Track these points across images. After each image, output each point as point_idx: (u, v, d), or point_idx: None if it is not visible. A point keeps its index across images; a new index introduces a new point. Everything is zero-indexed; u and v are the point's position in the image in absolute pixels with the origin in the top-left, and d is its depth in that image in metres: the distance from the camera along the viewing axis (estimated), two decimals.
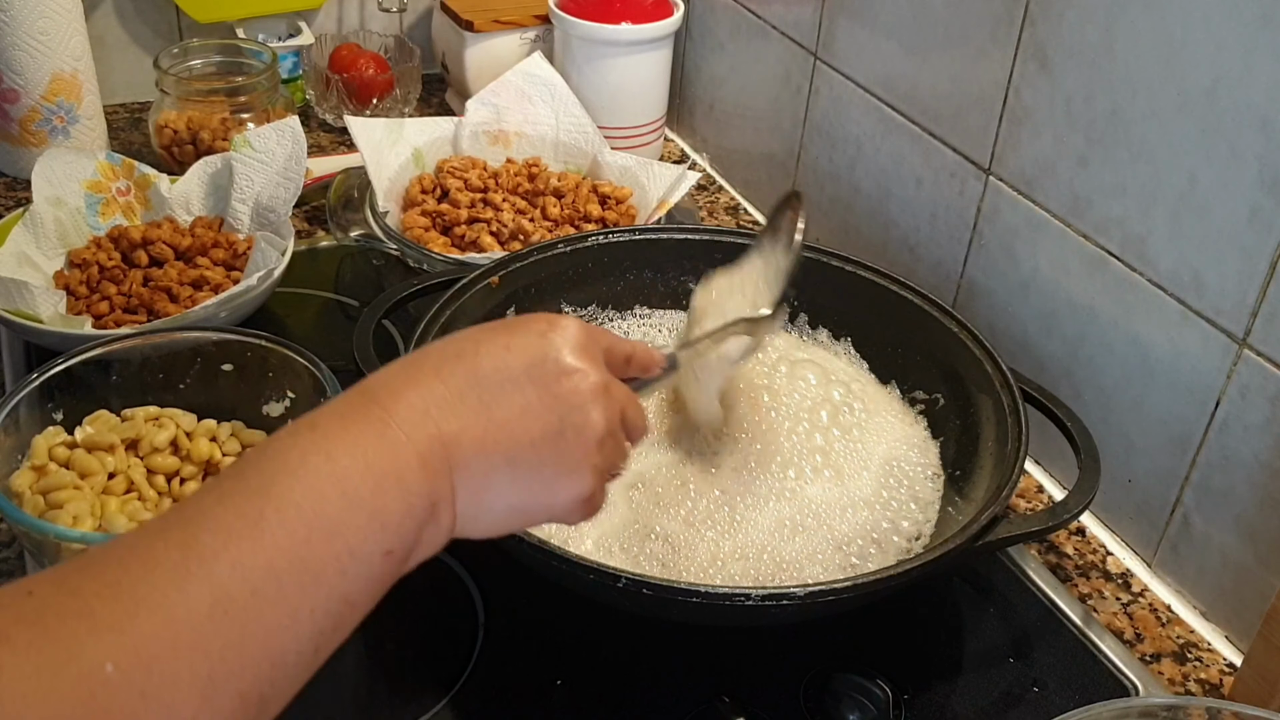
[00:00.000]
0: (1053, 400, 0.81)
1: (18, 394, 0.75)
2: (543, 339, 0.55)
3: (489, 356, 0.53)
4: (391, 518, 0.47)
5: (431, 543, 0.51)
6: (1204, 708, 0.61)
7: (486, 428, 0.52)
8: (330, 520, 0.46)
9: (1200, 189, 0.76)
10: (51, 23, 1.13)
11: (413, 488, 0.48)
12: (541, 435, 0.53)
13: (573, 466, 0.54)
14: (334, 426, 0.49)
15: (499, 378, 0.53)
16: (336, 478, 0.46)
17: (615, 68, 1.25)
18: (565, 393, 0.54)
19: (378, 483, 0.47)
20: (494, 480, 0.52)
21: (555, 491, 0.54)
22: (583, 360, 0.55)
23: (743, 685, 0.72)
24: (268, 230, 1.01)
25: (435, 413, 0.50)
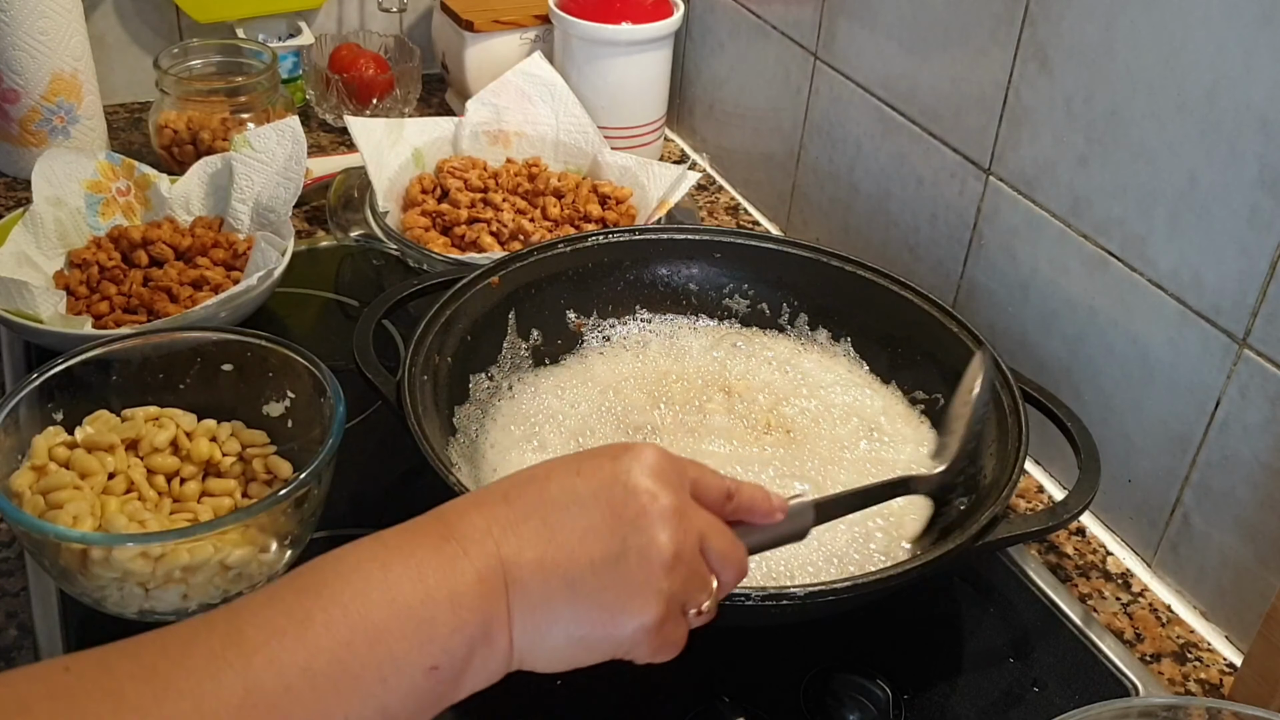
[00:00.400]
0: (1053, 400, 0.81)
1: (18, 394, 0.75)
2: (615, 462, 0.53)
3: (558, 481, 0.52)
4: (440, 630, 0.47)
5: (485, 668, 0.49)
6: (1204, 708, 0.61)
7: (546, 549, 0.50)
8: (374, 626, 0.45)
9: (1200, 189, 0.76)
10: (51, 23, 1.13)
11: (465, 603, 0.47)
12: (603, 558, 0.50)
13: (635, 592, 0.51)
14: (396, 540, 0.49)
15: (565, 500, 0.51)
16: (388, 585, 0.46)
17: (615, 68, 1.25)
18: (631, 514, 0.51)
19: (429, 594, 0.47)
20: (554, 606, 0.50)
21: (618, 619, 0.51)
22: (655, 483, 0.52)
23: (743, 685, 0.72)
24: (268, 230, 1.01)
25: (497, 532, 0.50)
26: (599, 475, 0.52)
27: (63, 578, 0.70)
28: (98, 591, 0.69)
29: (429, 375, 0.81)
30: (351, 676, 0.44)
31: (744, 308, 0.97)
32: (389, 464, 0.88)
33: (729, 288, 0.97)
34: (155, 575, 0.68)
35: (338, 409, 0.75)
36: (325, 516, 0.76)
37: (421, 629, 0.46)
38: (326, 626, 0.44)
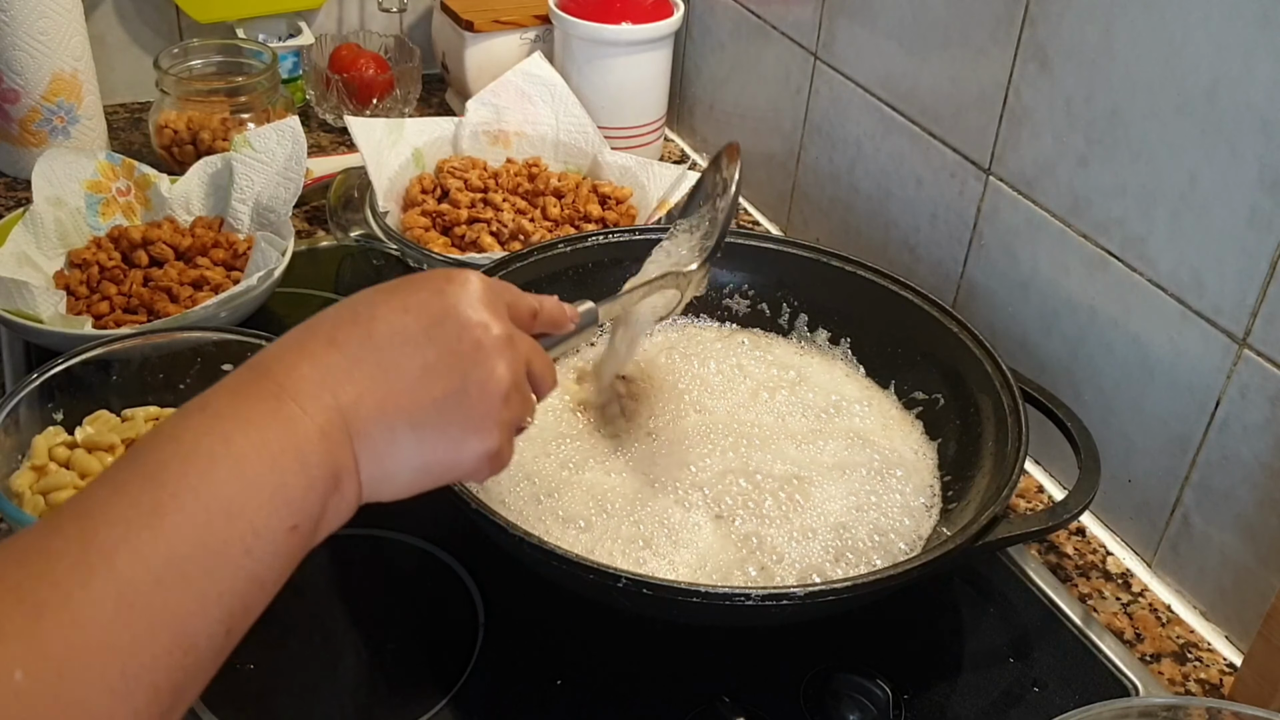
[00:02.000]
0: (1053, 400, 0.81)
1: (18, 394, 0.75)
2: (441, 295, 0.54)
3: (385, 319, 0.52)
4: (294, 493, 0.47)
5: (338, 513, 0.50)
6: (1204, 708, 0.61)
7: (386, 392, 0.51)
8: (229, 502, 0.45)
9: (1200, 189, 0.76)
10: (51, 23, 1.13)
11: (312, 461, 0.48)
12: (445, 394, 0.52)
13: (479, 424, 0.53)
14: (226, 406, 0.48)
15: (397, 340, 0.52)
16: (233, 459, 0.46)
17: (615, 68, 1.25)
18: (467, 349, 0.53)
19: (275, 460, 0.47)
20: (398, 444, 0.51)
21: (462, 449, 0.53)
22: (485, 314, 0.54)
23: (743, 685, 0.72)
24: (268, 230, 1.01)
25: (331, 382, 0.50)
26: (428, 311, 0.53)
27: None
28: None
29: None
30: (217, 555, 0.44)
31: (744, 307, 0.97)
32: None
33: (729, 288, 0.97)
34: None
35: None
36: None
37: (276, 495, 0.46)
38: (181, 512, 0.44)
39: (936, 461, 0.85)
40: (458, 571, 0.79)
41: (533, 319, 0.60)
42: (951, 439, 0.85)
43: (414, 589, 0.78)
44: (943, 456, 0.85)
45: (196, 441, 0.46)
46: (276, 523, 0.46)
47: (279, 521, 0.46)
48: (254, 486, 0.46)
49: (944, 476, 0.83)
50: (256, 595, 0.46)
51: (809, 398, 0.89)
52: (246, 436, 0.47)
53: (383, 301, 0.53)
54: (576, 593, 0.70)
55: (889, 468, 0.83)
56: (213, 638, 0.44)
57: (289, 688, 0.71)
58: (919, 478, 0.83)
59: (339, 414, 0.49)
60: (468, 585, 0.78)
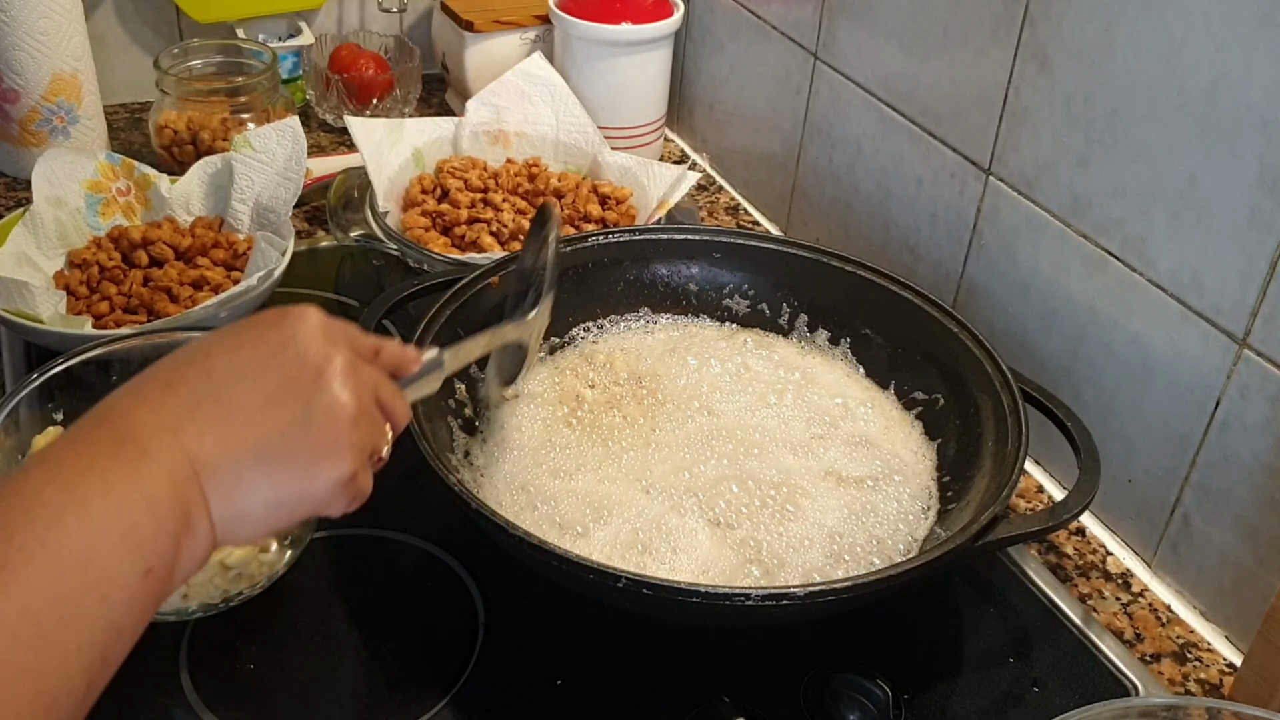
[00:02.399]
0: (1053, 400, 0.81)
1: (18, 394, 0.75)
2: (277, 328, 0.53)
3: (221, 357, 0.52)
4: (144, 534, 0.46)
5: (193, 556, 0.49)
6: (1204, 708, 0.61)
7: (229, 427, 0.50)
8: (80, 549, 0.44)
9: (1200, 189, 0.76)
10: (51, 23, 1.13)
11: (159, 499, 0.47)
12: (289, 423, 0.51)
13: (327, 450, 0.52)
14: (66, 455, 0.47)
15: (234, 374, 0.51)
16: (77, 505, 0.44)
17: (615, 68, 1.25)
18: (308, 376, 0.52)
19: (121, 502, 0.45)
20: (246, 479, 0.50)
21: (314, 478, 0.52)
22: (323, 343, 0.53)
23: (743, 685, 0.72)
24: (268, 230, 1.01)
25: (171, 423, 0.49)
26: (265, 343, 0.52)
27: None
28: None
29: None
30: (73, 605, 0.43)
31: (744, 308, 0.97)
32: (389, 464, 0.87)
33: (729, 288, 0.97)
34: None
35: None
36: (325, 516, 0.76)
37: (126, 538, 0.45)
38: (30, 565, 0.42)
39: (936, 462, 0.85)
40: (458, 571, 0.79)
41: (374, 355, 0.58)
42: (951, 439, 0.85)
43: (414, 589, 0.78)
44: (942, 457, 0.85)
45: (39, 492, 0.45)
46: (130, 566, 0.45)
47: (132, 565, 0.45)
48: (103, 531, 0.45)
49: (943, 477, 0.83)
50: (116, 645, 0.45)
51: (814, 399, 0.89)
52: (89, 483, 0.45)
53: (218, 342, 0.53)
54: (576, 593, 0.70)
55: (889, 468, 0.83)
56: (73, 693, 0.43)
57: (289, 688, 0.71)
58: (919, 478, 0.83)
59: (182, 453, 0.48)
60: (468, 585, 0.78)
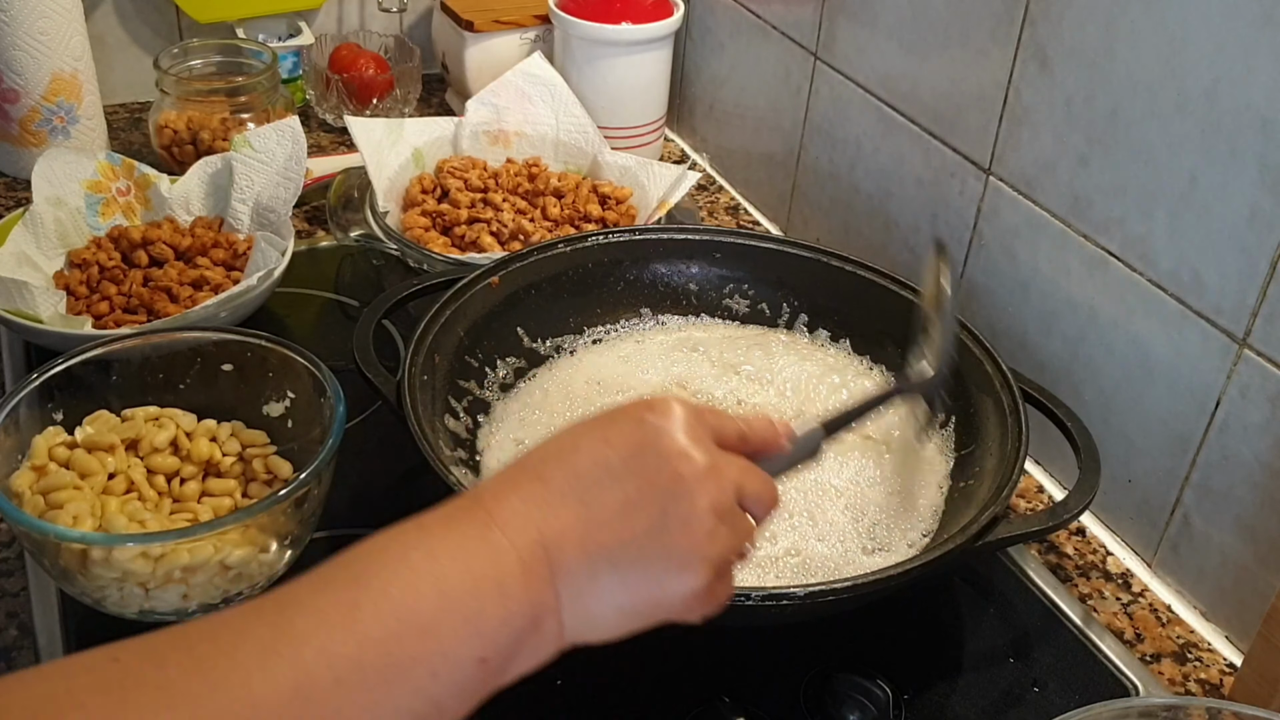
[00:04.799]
0: (1053, 400, 0.81)
1: (18, 394, 0.75)
2: (641, 425, 0.52)
3: (588, 452, 0.51)
4: (488, 624, 0.46)
5: (536, 653, 0.49)
6: (1204, 708, 0.61)
7: (587, 527, 0.49)
8: (424, 618, 0.45)
9: (1200, 189, 0.76)
10: (51, 23, 1.13)
11: (512, 594, 0.47)
12: (646, 530, 0.50)
13: (681, 561, 0.51)
14: (438, 526, 0.48)
15: (597, 473, 0.50)
16: (435, 576, 0.46)
17: (615, 68, 1.25)
18: (666, 481, 0.51)
19: (476, 585, 0.46)
20: (599, 583, 0.50)
21: (665, 588, 0.51)
22: (685, 442, 0.52)
23: (743, 685, 0.72)
24: (268, 230, 1.01)
25: (536, 515, 0.49)
26: (628, 442, 0.51)
27: (63, 578, 0.70)
28: (98, 591, 0.69)
29: (429, 375, 0.81)
30: (401, 670, 0.44)
31: (744, 308, 0.97)
32: (389, 464, 0.88)
33: (729, 288, 0.97)
34: (155, 575, 0.68)
35: (338, 409, 0.75)
36: (325, 516, 0.76)
37: (470, 622, 0.46)
38: (376, 617, 0.44)
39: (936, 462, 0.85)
40: None
41: (741, 442, 0.56)
42: (952, 439, 0.85)
43: None
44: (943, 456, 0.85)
45: (405, 553, 0.46)
46: (467, 651, 0.46)
47: (469, 650, 0.46)
48: (452, 608, 0.45)
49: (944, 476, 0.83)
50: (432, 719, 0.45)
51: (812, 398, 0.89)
52: (452, 558, 0.47)
53: (586, 434, 0.52)
54: None
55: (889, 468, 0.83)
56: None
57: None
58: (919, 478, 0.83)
59: (543, 549, 0.48)
60: None
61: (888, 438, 0.86)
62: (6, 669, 0.71)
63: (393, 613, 0.44)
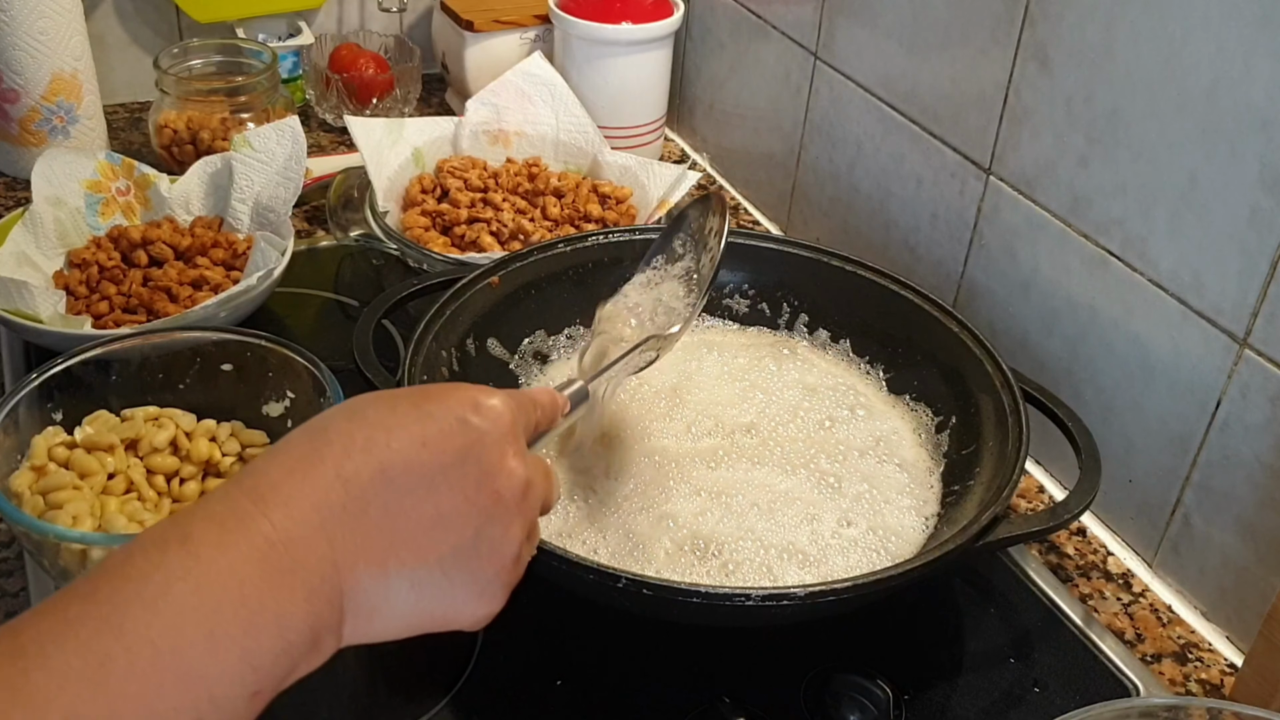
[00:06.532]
0: (1053, 400, 0.81)
1: (17, 394, 0.75)
2: (464, 429, 0.47)
3: (401, 453, 0.46)
4: (264, 659, 0.41)
5: (309, 667, 0.44)
6: (1205, 708, 0.61)
7: (390, 544, 0.45)
8: (191, 666, 0.39)
9: (1201, 189, 0.76)
10: (51, 23, 1.13)
11: (292, 625, 0.42)
12: (453, 552, 0.46)
13: (483, 588, 0.48)
14: (209, 542, 0.41)
15: (411, 480, 0.45)
16: (205, 615, 0.40)
17: (615, 68, 1.25)
18: (485, 501, 0.47)
19: (252, 621, 0.41)
20: (391, 600, 0.46)
21: (462, 611, 0.48)
22: (509, 456, 0.48)
23: (743, 685, 0.72)
24: (267, 230, 1.01)
25: (331, 528, 0.43)
26: (448, 448, 0.47)
27: (63, 578, 0.70)
28: None
29: (429, 375, 0.80)
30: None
31: (744, 308, 0.97)
32: None
33: (729, 288, 0.97)
34: None
35: None
36: None
37: (245, 660, 0.40)
38: (132, 672, 0.38)
39: (936, 462, 0.85)
40: None
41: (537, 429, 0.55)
42: (952, 439, 0.85)
43: None
44: (943, 457, 0.85)
45: (167, 586, 0.40)
46: (238, 690, 0.40)
47: (241, 689, 0.40)
48: (223, 650, 0.40)
49: (944, 477, 0.83)
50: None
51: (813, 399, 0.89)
52: (226, 590, 0.40)
53: (400, 426, 0.46)
54: (576, 593, 0.70)
55: (889, 468, 0.83)
56: None
57: (289, 687, 0.71)
58: (919, 478, 0.83)
59: (334, 568, 0.43)
60: None
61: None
62: None
63: (153, 663, 0.38)
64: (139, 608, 0.39)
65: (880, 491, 0.81)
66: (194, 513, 0.43)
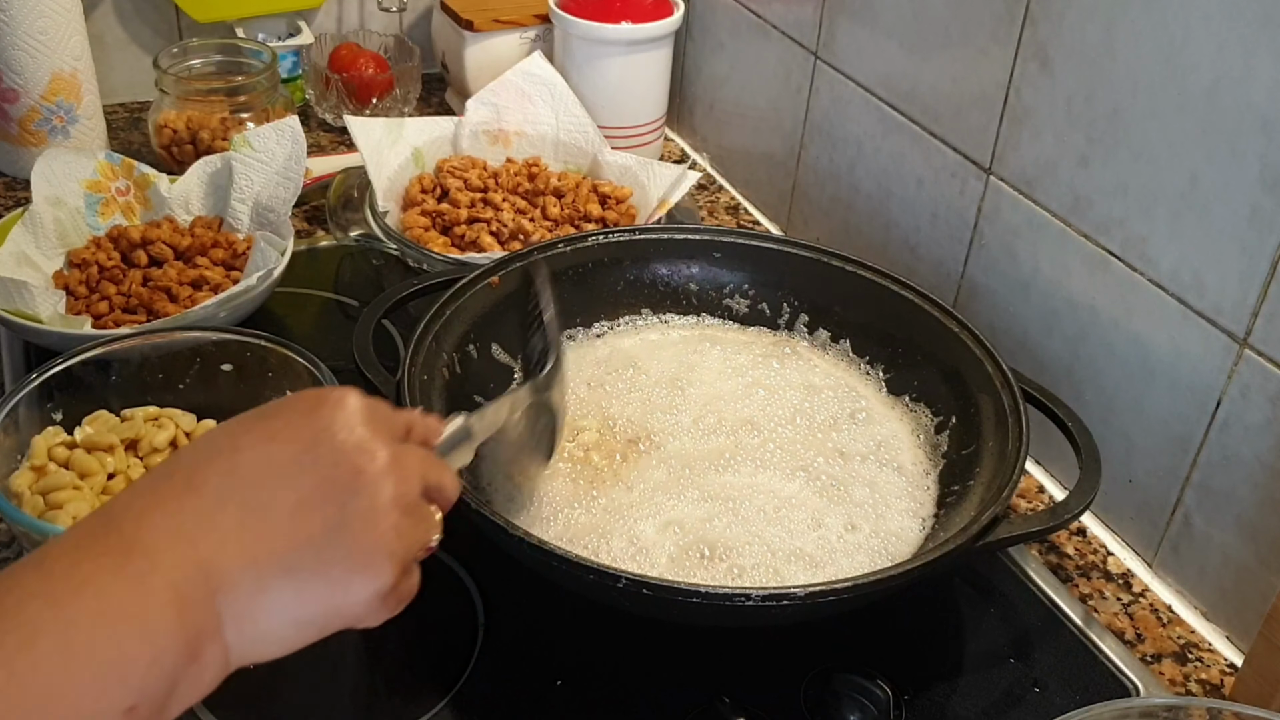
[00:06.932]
0: (1053, 400, 0.81)
1: (17, 394, 0.75)
2: (312, 418, 0.47)
3: (250, 449, 0.46)
4: (133, 669, 0.40)
5: (198, 684, 0.43)
6: (1205, 708, 0.61)
7: (255, 535, 0.44)
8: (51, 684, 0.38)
9: (1201, 189, 0.76)
10: (51, 23, 1.13)
11: (160, 630, 0.41)
12: (323, 530, 0.45)
13: (365, 560, 0.46)
14: (63, 565, 0.41)
15: (263, 473, 0.45)
16: (61, 629, 0.39)
17: (615, 68, 1.25)
18: (345, 476, 0.46)
19: (112, 630, 0.40)
20: (270, 595, 0.44)
21: (348, 592, 0.46)
22: (363, 433, 0.47)
23: (743, 685, 0.72)
24: (267, 230, 1.01)
25: (189, 531, 0.43)
26: (299, 437, 0.46)
27: None
28: None
29: (429, 375, 0.81)
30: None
31: (744, 308, 0.97)
32: None
33: (729, 288, 0.97)
34: None
35: None
36: None
37: (109, 672, 0.39)
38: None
39: (936, 462, 0.85)
40: (458, 572, 0.79)
41: (406, 435, 0.52)
42: (952, 439, 0.85)
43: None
44: (942, 457, 0.85)
45: (21, 606, 0.39)
46: (109, 704, 0.39)
47: (110, 703, 0.39)
48: (82, 664, 0.39)
49: (943, 477, 0.83)
50: None
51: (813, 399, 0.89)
52: (80, 601, 0.40)
53: (246, 431, 0.47)
54: (576, 593, 0.70)
55: (889, 468, 0.83)
56: None
57: (289, 688, 0.71)
58: (919, 478, 0.83)
59: (198, 568, 0.42)
60: (468, 585, 0.78)
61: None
62: None
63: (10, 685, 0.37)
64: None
65: (881, 495, 0.81)
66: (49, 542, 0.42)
